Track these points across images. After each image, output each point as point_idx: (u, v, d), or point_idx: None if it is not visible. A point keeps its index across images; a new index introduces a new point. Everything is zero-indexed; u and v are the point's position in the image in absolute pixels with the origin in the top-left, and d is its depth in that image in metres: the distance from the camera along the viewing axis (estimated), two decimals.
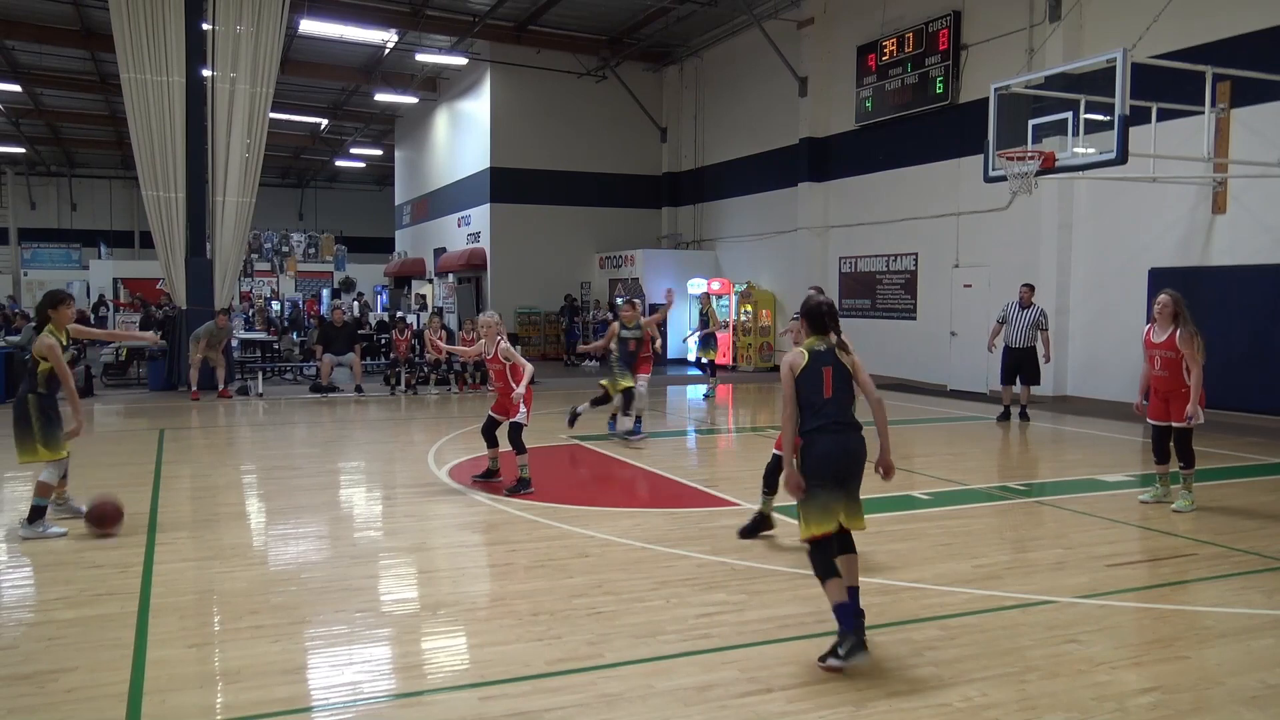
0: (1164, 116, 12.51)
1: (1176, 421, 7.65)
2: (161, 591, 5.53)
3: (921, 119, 18.44)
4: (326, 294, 32.39)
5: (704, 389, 16.94)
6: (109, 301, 33.65)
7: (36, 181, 45.58)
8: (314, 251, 26.71)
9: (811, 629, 4.87)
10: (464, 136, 28.59)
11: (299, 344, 20.75)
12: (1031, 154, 12.09)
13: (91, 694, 4.13)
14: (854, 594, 4.64)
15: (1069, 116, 11.84)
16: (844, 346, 4.62)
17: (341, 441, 12.10)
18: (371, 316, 24.15)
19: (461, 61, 25.93)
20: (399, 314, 23.18)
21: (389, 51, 25.82)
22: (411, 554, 6.62)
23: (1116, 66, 10.94)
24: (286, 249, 25.94)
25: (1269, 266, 12.76)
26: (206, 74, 16.77)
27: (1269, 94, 12.53)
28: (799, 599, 5.37)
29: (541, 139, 26.09)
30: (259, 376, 17.03)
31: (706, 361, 17.13)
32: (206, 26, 16.68)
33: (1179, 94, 12.67)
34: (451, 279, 28.31)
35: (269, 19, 16.85)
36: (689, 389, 17.46)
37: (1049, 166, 11.97)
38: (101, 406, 15.05)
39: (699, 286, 22.98)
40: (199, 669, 4.43)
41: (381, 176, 44.37)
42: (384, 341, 19.69)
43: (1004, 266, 16.55)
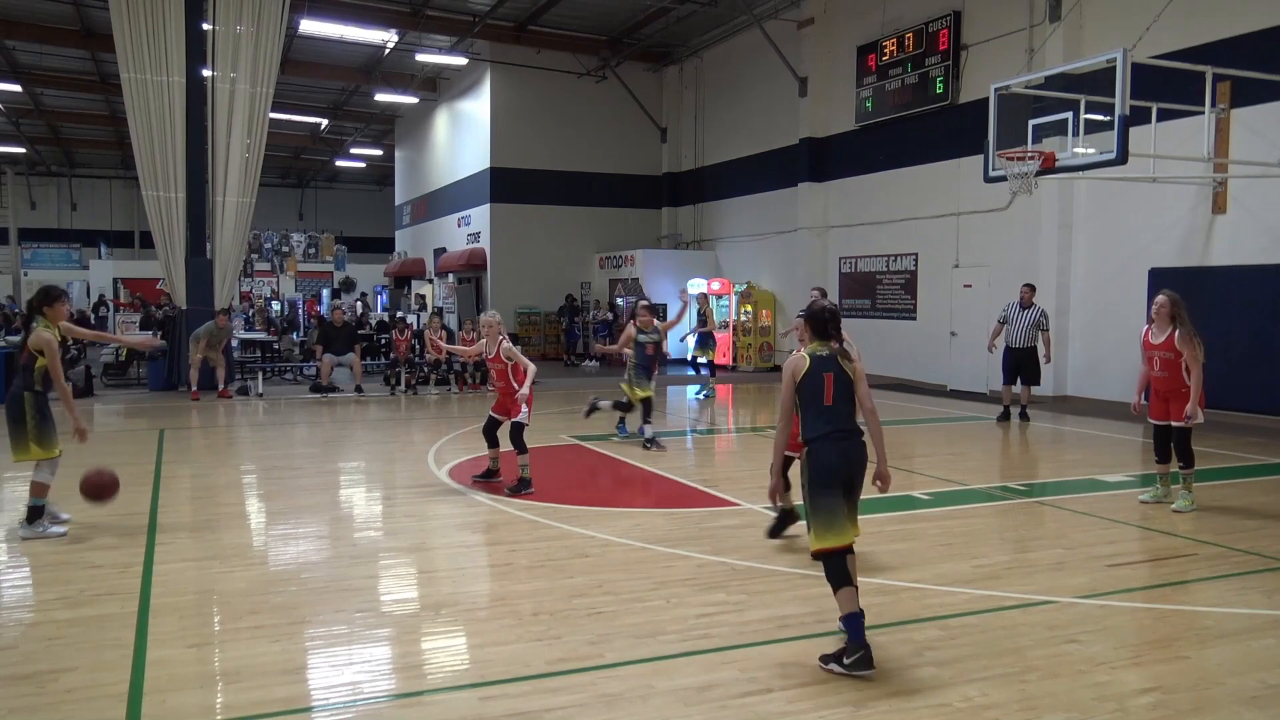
0: (1164, 116, 12.51)
1: (1176, 421, 7.65)
2: (161, 591, 5.53)
3: (921, 119, 18.45)
4: (326, 294, 32.38)
5: (705, 389, 16.93)
6: (109, 301, 33.67)
7: (37, 181, 45.58)
8: (314, 252, 26.69)
9: (812, 629, 4.87)
10: (464, 136, 28.59)
11: (299, 344, 20.76)
12: (1031, 154, 12.10)
13: (91, 694, 4.13)
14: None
15: (1069, 117, 11.85)
16: (845, 355, 4.63)
17: (341, 441, 12.11)
18: (371, 317, 24.17)
19: (461, 61, 25.93)
20: (399, 314, 23.18)
21: (389, 51, 25.82)
22: (411, 554, 6.62)
23: (1116, 66, 10.94)
24: (286, 249, 25.93)
25: (1269, 266, 12.76)
26: (207, 74, 16.77)
27: (1269, 94, 12.53)
28: (799, 599, 5.37)
29: (541, 139, 26.09)
30: (259, 376, 17.04)
31: (705, 361, 17.13)
32: (206, 26, 16.69)
33: (1179, 94, 12.67)
34: (451, 279, 28.31)
35: (269, 19, 16.86)
36: (689, 389, 17.44)
37: (1049, 167, 11.98)
38: (101, 406, 15.05)
39: (699, 287, 22.97)
40: (199, 669, 4.43)
41: (381, 176, 44.37)
42: (384, 342, 19.70)
43: (1004, 267, 16.55)
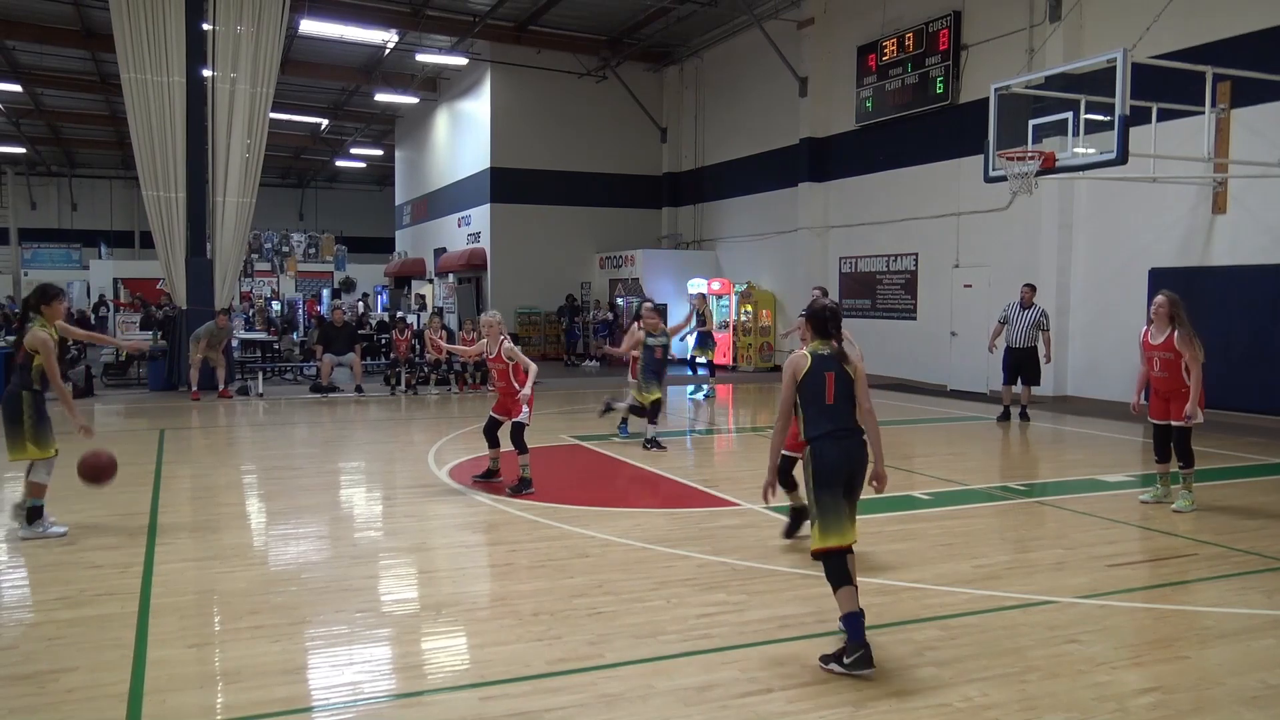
0: (1164, 117, 12.51)
1: (1177, 421, 7.66)
2: (161, 592, 5.53)
3: (922, 119, 18.45)
4: (327, 294, 32.37)
5: (704, 389, 16.94)
6: (109, 301, 33.66)
7: (37, 181, 45.59)
8: (314, 252, 26.66)
9: (812, 629, 4.87)
10: (464, 137, 28.59)
11: (299, 344, 20.76)
12: (1032, 154, 12.10)
13: (92, 694, 4.13)
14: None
15: (1069, 117, 11.85)
16: (844, 355, 4.63)
17: (342, 441, 12.11)
18: (371, 317, 24.16)
19: (462, 62, 25.93)
20: (399, 314, 23.18)
21: (389, 52, 25.82)
22: (412, 554, 6.62)
23: (1117, 67, 10.94)
24: (287, 249, 25.90)
25: (1269, 266, 12.76)
26: (207, 74, 16.77)
27: (1269, 94, 12.53)
28: (799, 599, 5.37)
29: (542, 139, 26.09)
30: (259, 376, 17.03)
31: (704, 361, 17.13)
32: (207, 26, 16.68)
33: (1179, 94, 12.67)
34: (452, 279, 28.31)
35: (269, 19, 16.85)
36: (690, 389, 17.43)
37: (1049, 167, 11.98)
38: (102, 406, 15.05)
39: (699, 286, 22.98)
40: (199, 669, 4.43)
41: (382, 176, 44.38)
42: (384, 342, 19.70)
43: (1004, 267, 16.55)
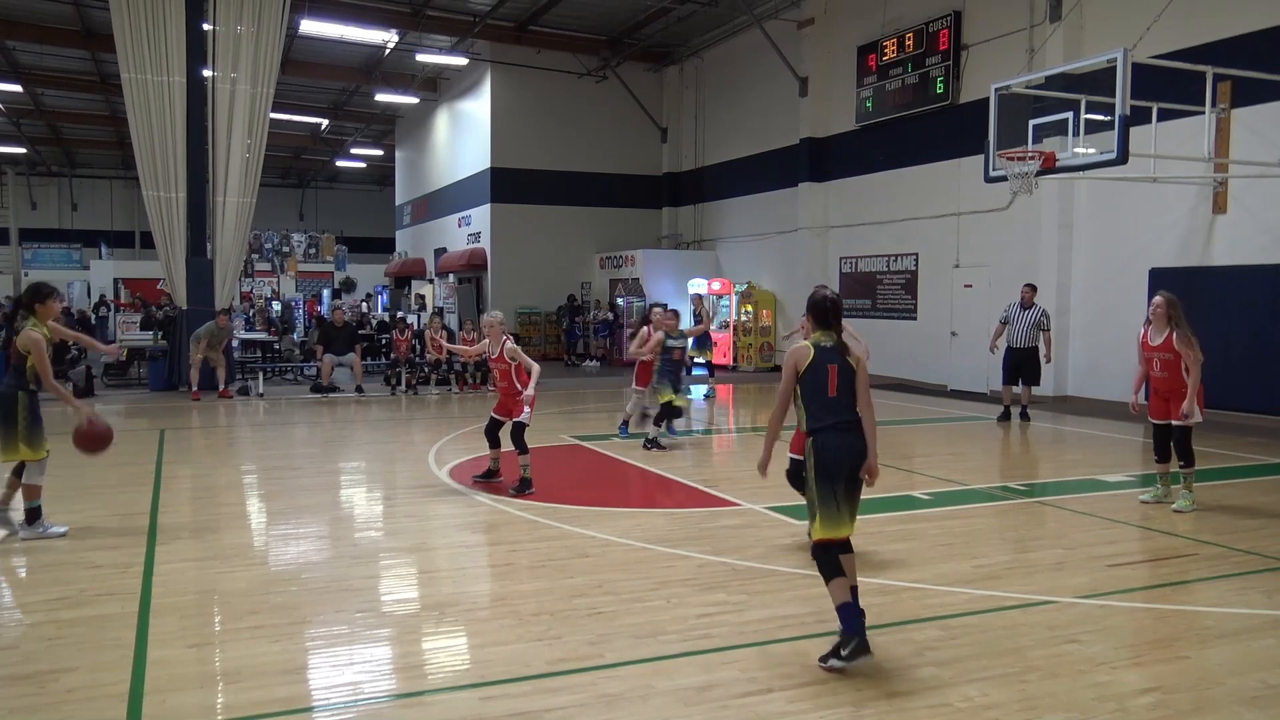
0: (1164, 116, 12.51)
1: (1177, 420, 7.66)
2: (162, 592, 5.53)
3: (922, 119, 18.44)
4: (327, 294, 32.39)
5: (704, 389, 16.94)
6: (109, 301, 33.66)
7: (37, 182, 45.59)
8: (314, 252, 26.68)
9: (812, 629, 4.87)
10: (464, 137, 28.59)
11: (299, 344, 20.76)
12: (1032, 154, 12.09)
13: (92, 694, 4.13)
14: (853, 593, 4.66)
15: (1069, 116, 11.84)
16: (846, 347, 4.63)
17: (342, 442, 12.11)
18: (371, 317, 24.17)
19: (462, 62, 25.93)
20: (399, 314, 23.19)
21: (389, 52, 25.82)
22: (412, 554, 6.62)
23: (1117, 66, 10.94)
24: (287, 249, 25.93)
25: (1269, 266, 12.75)
26: (207, 74, 16.77)
27: (1269, 94, 12.52)
28: (799, 599, 5.37)
29: (542, 139, 26.09)
30: (259, 377, 17.03)
31: (703, 362, 17.12)
32: (207, 27, 16.68)
33: (1179, 94, 12.67)
34: (452, 279, 28.31)
35: (269, 19, 16.85)
36: (690, 389, 17.41)
37: (1049, 166, 11.97)
38: (102, 407, 15.03)
39: (699, 287, 22.99)
40: (199, 669, 4.43)
41: (382, 177, 44.38)
42: (384, 342, 19.70)
43: (1004, 267, 16.55)
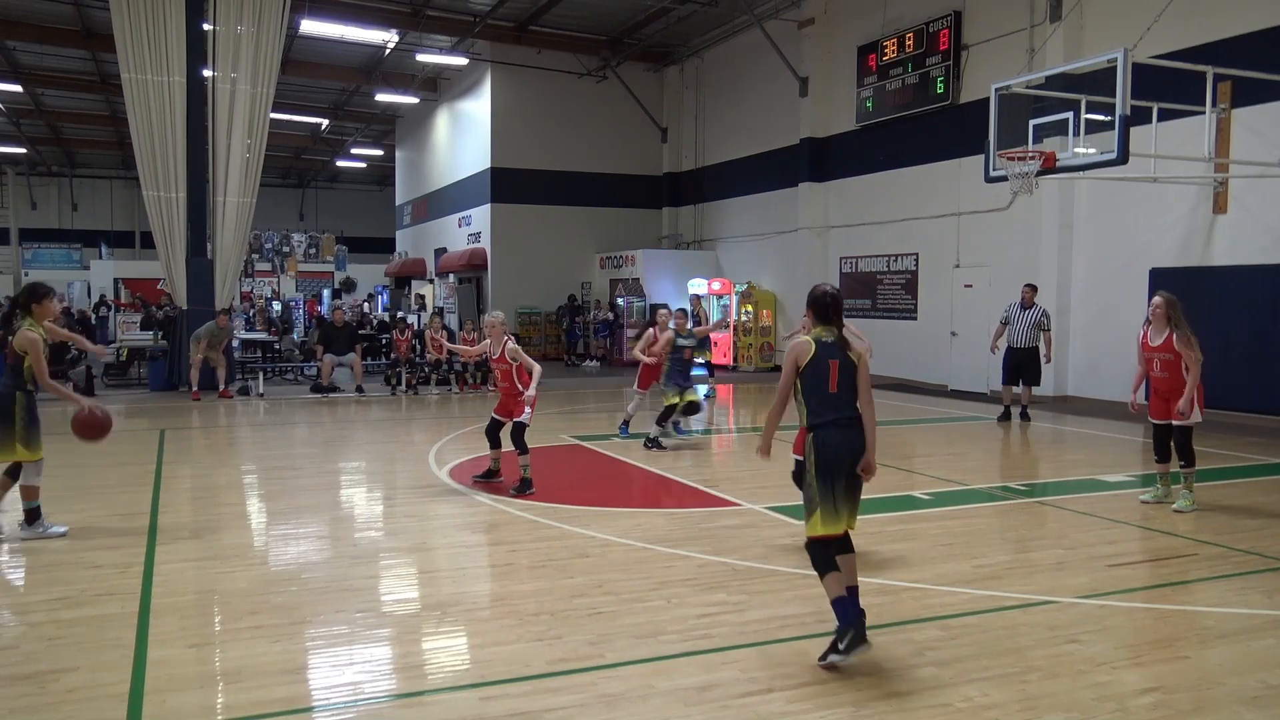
0: (1165, 116, 12.51)
1: (1178, 420, 7.67)
2: (162, 592, 5.53)
3: (922, 119, 18.44)
4: (327, 294, 32.39)
5: (704, 389, 16.92)
6: (110, 302, 33.67)
7: (37, 182, 45.59)
8: (315, 252, 26.69)
9: (812, 629, 4.87)
10: (464, 137, 28.58)
11: (299, 344, 20.76)
12: (1032, 154, 12.08)
13: (92, 694, 4.13)
14: (853, 593, 4.66)
15: (1070, 116, 11.84)
16: (847, 342, 4.64)
17: (342, 442, 12.11)
18: (371, 317, 24.18)
19: (462, 62, 25.92)
20: (399, 314, 23.18)
21: (389, 52, 25.81)
22: (412, 554, 6.62)
23: (1117, 66, 10.93)
24: (287, 249, 25.93)
25: (1270, 266, 12.75)
26: (207, 74, 16.76)
27: (1270, 94, 12.52)
28: (799, 599, 5.37)
29: (542, 139, 26.08)
30: (260, 377, 17.03)
31: (702, 362, 17.11)
32: (207, 27, 16.68)
33: (1180, 94, 12.66)
34: (452, 279, 28.32)
35: (270, 19, 16.85)
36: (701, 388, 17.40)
37: (1050, 166, 11.96)
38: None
39: (699, 287, 22.99)
40: (199, 669, 4.44)
41: (382, 177, 44.38)
42: (385, 342, 19.70)
43: (1005, 267, 16.54)
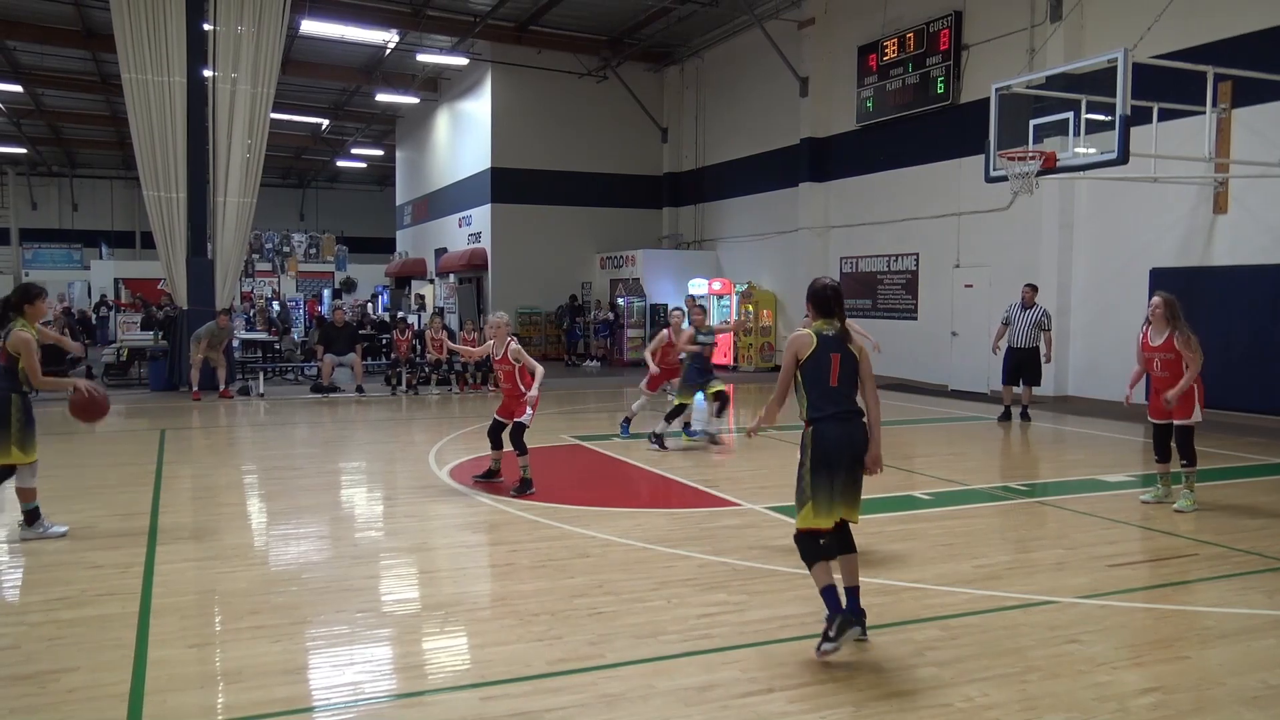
0: (1165, 116, 12.50)
1: (1178, 420, 7.68)
2: (162, 592, 5.54)
3: (922, 119, 18.44)
4: (328, 294, 32.42)
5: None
6: (110, 302, 33.69)
7: (38, 182, 45.61)
8: (315, 252, 26.74)
9: (812, 629, 4.85)
10: (465, 137, 28.59)
11: (299, 345, 20.77)
12: (1032, 154, 12.08)
13: (93, 694, 4.13)
14: (854, 594, 4.67)
15: (1070, 116, 11.83)
16: (848, 335, 4.64)
17: (342, 442, 12.11)
18: (371, 317, 24.19)
19: (462, 62, 25.92)
20: (400, 314, 23.19)
21: (390, 52, 25.82)
22: (412, 554, 6.62)
23: (1118, 66, 10.93)
24: (287, 249, 25.98)
25: (1270, 267, 12.75)
26: (207, 74, 16.76)
27: (1270, 94, 12.51)
28: (800, 599, 5.36)
29: (542, 139, 26.08)
30: (260, 377, 17.03)
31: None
32: (207, 27, 16.68)
33: (1180, 94, 12.66)
34: (452, 279, 28.32)
35: (270, 19, 16.85)
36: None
37: (1050, 166, 11.96)
38: None
39: (700, 287, 22.99)
40: (200, 669, 4.44)
41: (382, 177, 44.39)
42: (385, 342, 19.70)
43: (1005, 267, 16.54)
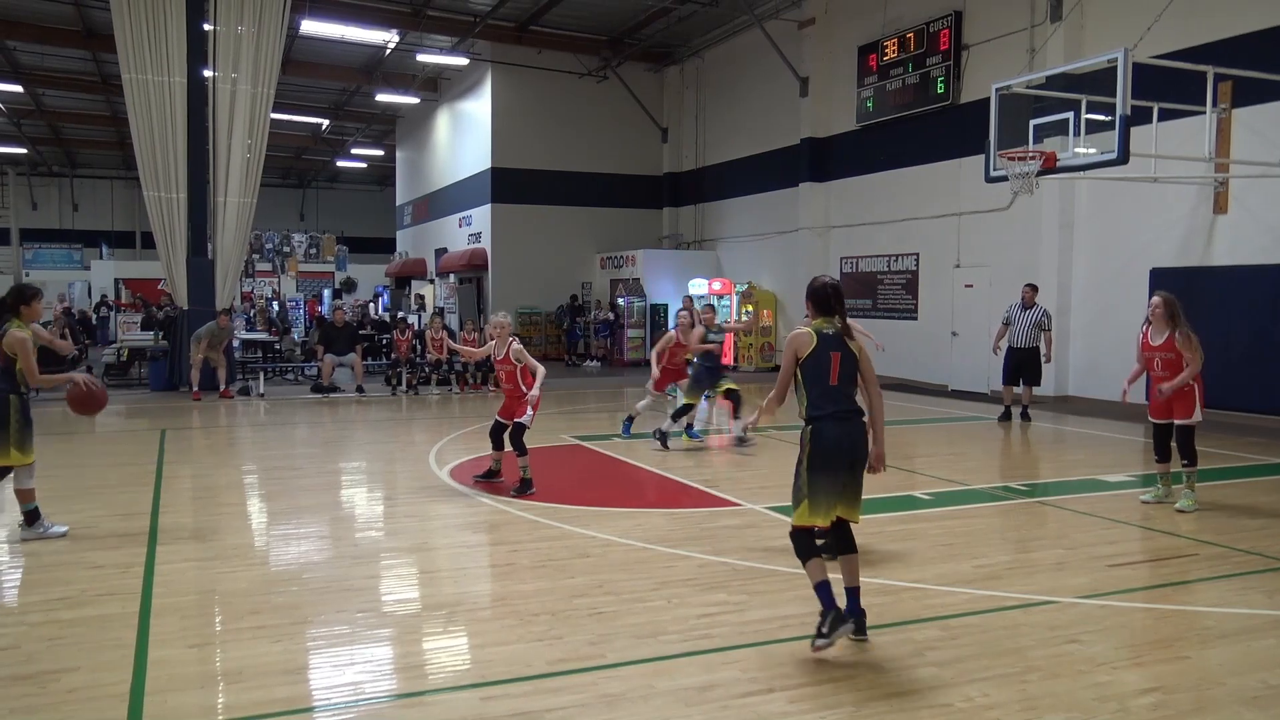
0: (1165, 116, 12.50)
1: (1179, 419, 7.68)
2: (162, 592, 5.54)
3: (922, 119, 18.44)
4: (328, 294, 32.42)
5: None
6: (110, 302, 33.69)
7: (38, 182, 45.61)
8: (315, 252, 26.74)
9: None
10: (465, 137, 28.59)
11: (299, 344, 20.77)
12: (1033, 154, 12.08)
13: (93, 694, 4.13)
14: (854, 595, 4.67)
15: (1070, 116, 11.83)
16: (849, 332, 4.64)
17: (343, 442, 12.11)
18: (371, 317, 24.19)
19: (462, 62, 25.92)
20: (400, 314, 23.19)
21: (390, 52, 25.82)
22: (413, 554, 6.62)
23: (1118, 66, 10.93)
24: (288, 249, 25.98)
25: (1270, 266, 12.75)
26: (208, 74, 16.77)
27: (1270, 94, 12.51)
28: (800, 599, 5.36)
29: (542, 139, 26.08)
30: (260, 377, 17.03)
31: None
32: (208, 27, 16.68)
33: (1180, 94, 12.66)
34: (453, 279, 28.32)
35: (270, 19, 16.85)
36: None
37: (1050, 166, 11.96)
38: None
39: (700, 287, 22.98)
40: (200, 669, 4.44)
41: (383, 177, 44.39)
42: (385, 342, 19.71)
43: (1005, 267, 16.54)
